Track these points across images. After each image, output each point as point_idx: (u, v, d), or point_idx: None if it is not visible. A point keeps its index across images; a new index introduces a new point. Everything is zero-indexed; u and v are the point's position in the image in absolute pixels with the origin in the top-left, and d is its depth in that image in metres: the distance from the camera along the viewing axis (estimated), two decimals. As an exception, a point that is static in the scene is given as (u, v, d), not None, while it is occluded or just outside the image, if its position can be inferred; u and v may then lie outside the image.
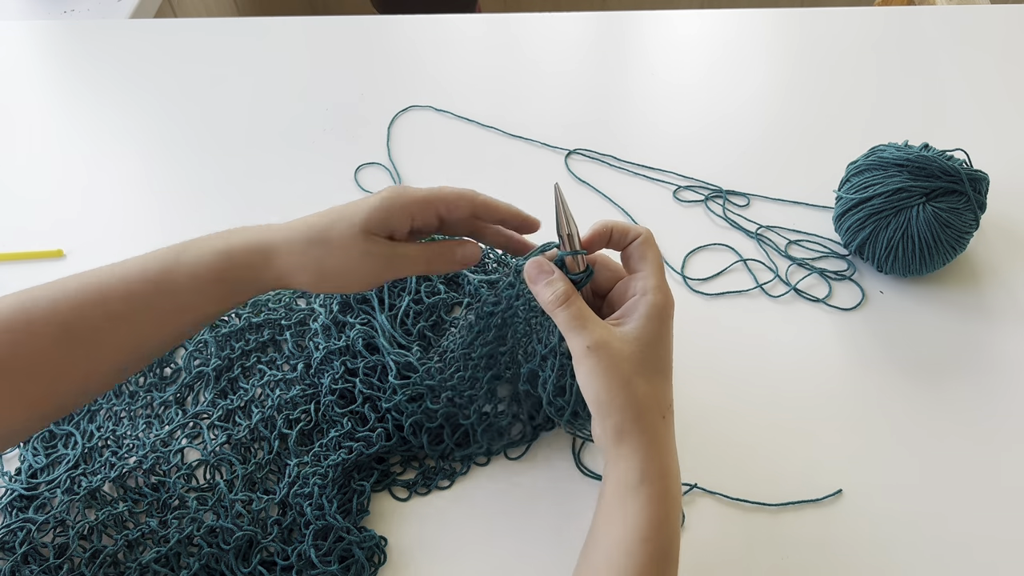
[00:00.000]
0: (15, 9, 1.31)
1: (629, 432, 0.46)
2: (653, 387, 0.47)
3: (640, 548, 0.44)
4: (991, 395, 0.62)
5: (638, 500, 0.45)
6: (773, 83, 0.91)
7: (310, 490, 0.54)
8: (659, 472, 0.45)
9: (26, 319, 0.48)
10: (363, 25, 1.01)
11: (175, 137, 0.86)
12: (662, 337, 0.48)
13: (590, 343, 0.46)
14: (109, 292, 0.49)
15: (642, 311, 0.48)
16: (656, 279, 0.49)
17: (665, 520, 0.45)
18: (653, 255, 0.50)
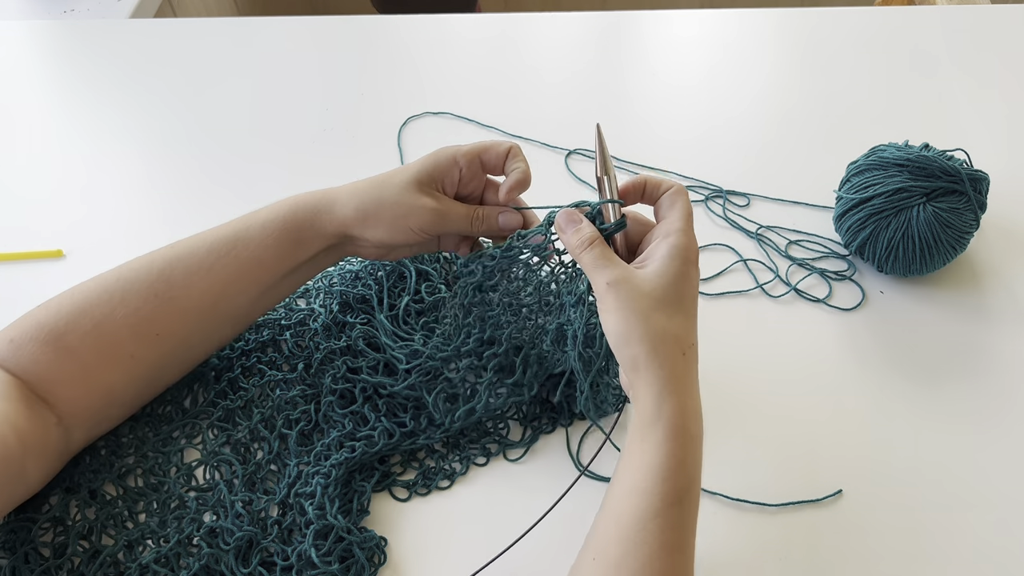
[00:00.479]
0: (15, 9, 1.31)
1: (645, 365, 0.46)
2: (673, 324, 0.46)
3: (658, 487, 0.43)
4: (991, 395, 0.62)
5: (654, 437, 0.45)
6: (773, 83, 0.91)
7: (312, 489, 0.54)
8: (677, 409, 0.45)
9: (124, 280, 0.54)
10: (363, 25, 1.01)
11: (175, 137, 0.86)
12: (684, 276, 0.47)
13: (610, 279, 0.47)
14: (194, 249, 0.56)
15: (664, 251, 0.48)
16: (682, 223, 0.49)
17: (683, 459, 0.44)
18: (682, 203, 0.50)
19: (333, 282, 0.66)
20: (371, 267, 0.66)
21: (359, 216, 0.55)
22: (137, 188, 0.81)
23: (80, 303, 0.53)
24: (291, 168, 0.82)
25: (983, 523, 0.55)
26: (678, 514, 0.44)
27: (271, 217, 0.56)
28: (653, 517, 0.43)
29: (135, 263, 0.56)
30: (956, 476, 0.57)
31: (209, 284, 0.55)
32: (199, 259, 0.55)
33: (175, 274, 0.55)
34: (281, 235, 0.56)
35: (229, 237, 0.56)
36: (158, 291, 0.54)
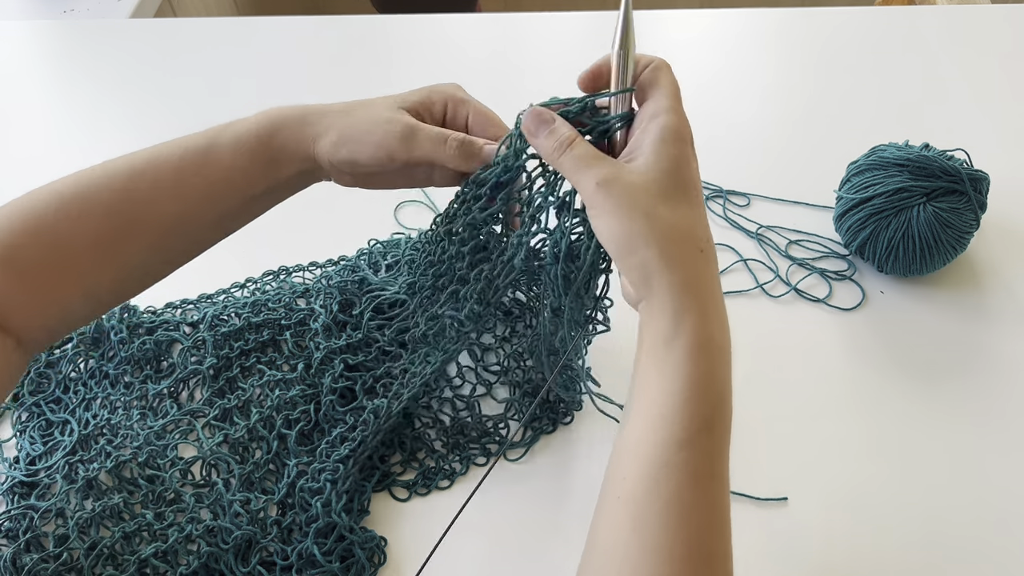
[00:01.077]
0: (15, 9, 1.31)
1: (658, 270, 0.39)
2: (681, 216, 0.40)
3: (682, 412, 0.37)
4: (991, 395, 0.62)
5: (675, 355, 0.38)
6: (773, 83, 0.91)
7: (320, 485, 0.54)
8: (699, 318, 0.38)
9: (86, 194, 0.49)
10: (363, 25, 1.01)
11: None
12: (683, 160, 0.41)
13: (599, 179, 0.40)
14: (160, 163, 0.50)
15: (654, 135, 0.41)
16: (667, 100, 0.42)
17: (710, 374, 0.38)
18: (667, 79, 0.43)
19: (332, 281, 0.66)
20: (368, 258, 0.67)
21: (328, 130, 0.50)
22: (137, 188, 0.80)
23: (32, 219, 0.48)
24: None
25: (983, 523, 0.55)
26: (707, 441, 0.37)
27: (243, 134, 0.51)
28: (679, 449, 0.37)
29: (93, 174, 0.50)
30: (956, 475, 0.57)
31: (175, 204, 0.50)
32: (165, 176, 0.50)
33: (139, 192, 0.49)
34: (255, 154, 0.51)
35: (198, 153, 0.51)
36: (121, 209, 0.49)
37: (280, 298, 0.67)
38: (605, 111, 0.44)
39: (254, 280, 0.70)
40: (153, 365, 0.63)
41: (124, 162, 0.51)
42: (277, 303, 0.67)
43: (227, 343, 0.64)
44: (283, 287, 0.69)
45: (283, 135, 0.51)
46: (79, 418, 0.60)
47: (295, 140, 0.51)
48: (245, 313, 0.66)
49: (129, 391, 0.61)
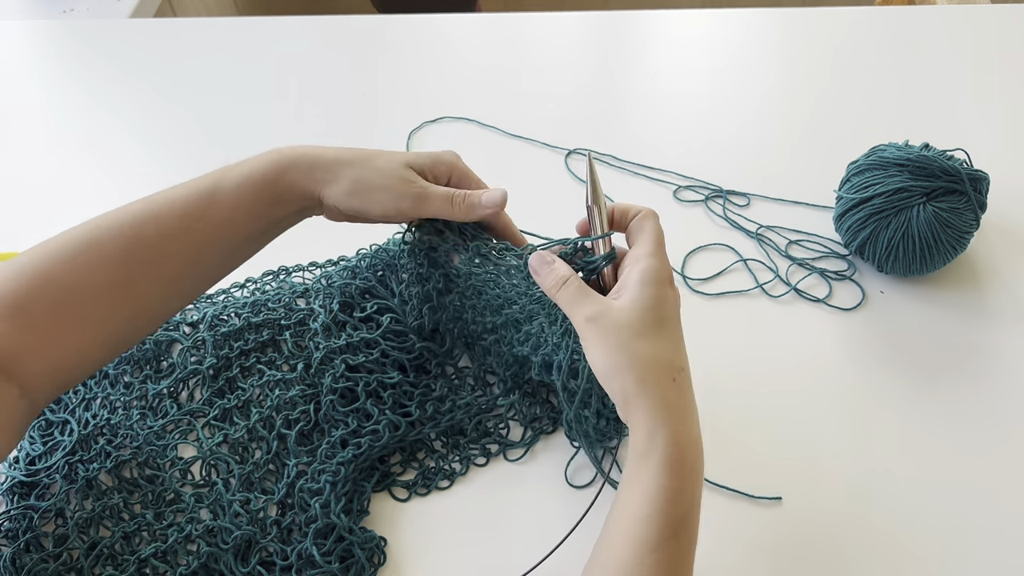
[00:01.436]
0: (15, 9, 1.31)
1: (635, 395, 0.45)
2: (658, 349, 0.45)
3: (654, 519, 0.42)
4: (991, 395, 0.62)
5: (649, 468, 0.44)
6: (773, 83, 0.91)
7: (320, 486, 0.54)
8: (670, 439, 0.44)
9: (96, 243, 0.51)
10: (363, 25, 1.01)
11: (175, 136, 0.86)
12: (660, 299, 0.47)
13: (588, 314, 0.47)
14: (167, 209, 0.52)
15: (635, 277, 0.47)
16: (650, 246, 0.48)
17: (680, 490, 0.43)
18: (651, 227, 0.50)
19: (332, 281, 0.66)
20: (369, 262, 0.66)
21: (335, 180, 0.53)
22: (137, 187, 0.80)
23: (43, 269, 0.49)
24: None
25: (984, 522, 0.55)
26: (675, 547, 0.43)
27: (247, 173, 0.53)
28: (651, 551, 0.42)
29: (102, 223, 0.52)
30: (956, 475, 0.57)
31: (183, 247, 0.52)
32: (174, 222, 0.52)
33: (147, 238, 0.51)
34: (260, 194, 0.53)
35: (203, 196, 0.53)
36: (130, 254, 0.51)
37: (280, 298, 0.67)
38: (591, 252, 0.52)
39: (254, 280, 0.70)
40: (153, 365, 0.63)
41: (131, 210, 0.53)
42: (277, 303, 0.67)
43: (227, 343, 0.64)
44: (283, 287, 0.69)
45: (289, 177, 0.54)
46: (79, 418, 0.60)
47: (301, 183, 0.54)
48: (245, 313, 0.66)
49: (129, 391, 0.61)
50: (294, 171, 0.54)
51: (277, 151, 0.55)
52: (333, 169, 0.54)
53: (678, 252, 0.72)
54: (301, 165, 0.54)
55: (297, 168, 0.54)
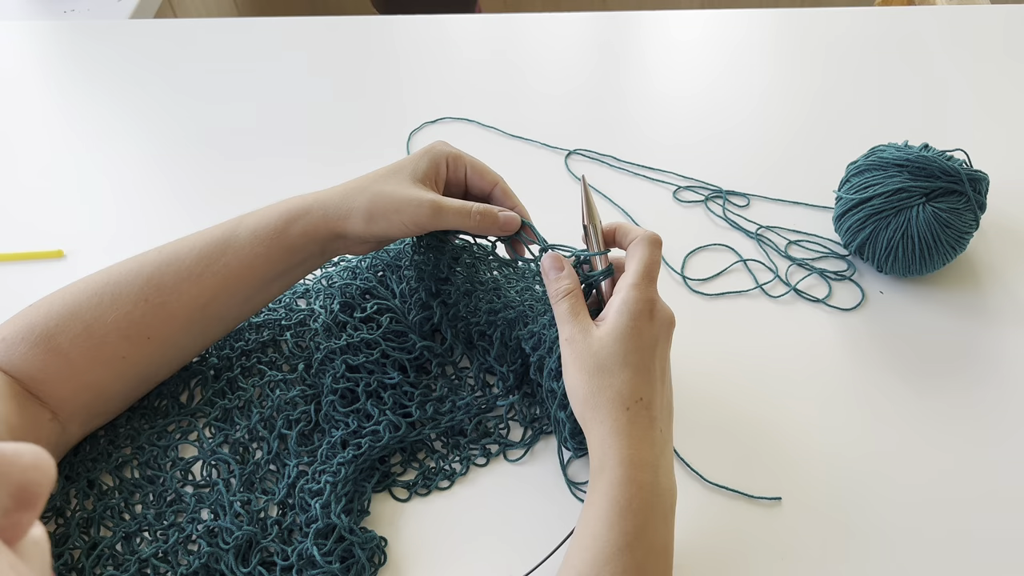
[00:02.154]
0: (15, 9, 1.31)
1: (589, 420, 0.49)
2: (616, 380, 0.48)
3: (606, 533, 0.45)
4: (991, 395, 0.62)
5: (600, 485, 0.47)
6: (773, 83, 0.91)
7: (320, 487, 0.54)
8: (618, 459, 0.47)
9: (116, 284, 0.54)
10: (363, 25, 1.01)
11: (175, 137, 0.86)
12: (632, 331, 0.49)
13: (567, 336, 0.50)
14: (183, 254, 0.56)
15: (616, 307, 0.50)
16: (635, 277, 0.50)
17: (628, 507, 0.46)
18: (641, 254, 0.51)
19: (333, 281, 0.66)
20: (369, 262, 0.66)
21: (352, 214, 0.55)
22: (137, 188, 0.81)
23: (70, 305, 0.54)
24: (291, 168, 0.82)
25: (984, 522, 0.55)
26: (629, 559, 0.45)
27: (261, 224, 0.56)
28: (604, 563, 0.44)
29: (124, 267, 0.56)
30: (956, 475, 0.57)
31: (199, 290, 0.55)
32: (188, 266, 0.55)
33: (164, 280, 0.55)
34: (272, 243, 0.56)
35: (218, 244, 0.56)
36: (148, 296, 0.54)
37: (280, 298, 0.67)
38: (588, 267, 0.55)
39: None
40: None
41: (151, 256, 0.56)
42: (277, 303, 0.67)
43: (227, 343, 0.64)
44: None
45: (302, 224, 0.56)
46: None
47: (316, 226, 0.56)
48: None
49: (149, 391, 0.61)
50: (307, 219, 0.56)
51: (287, 202, 0.57)
52: (346, 204, 0.56)
53: (678, 252, 0.72)
54: (315, 211, 0.56)
55: (310, 216, 0.56)
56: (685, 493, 0.57)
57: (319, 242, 0.57)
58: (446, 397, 0.61)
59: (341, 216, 0.56)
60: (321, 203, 0.56)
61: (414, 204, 0.55)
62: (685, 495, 0.57)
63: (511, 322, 0.59)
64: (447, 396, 0.61)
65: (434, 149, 0.58)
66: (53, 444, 0.54)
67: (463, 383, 0.62)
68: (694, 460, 0.58)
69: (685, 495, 0.57)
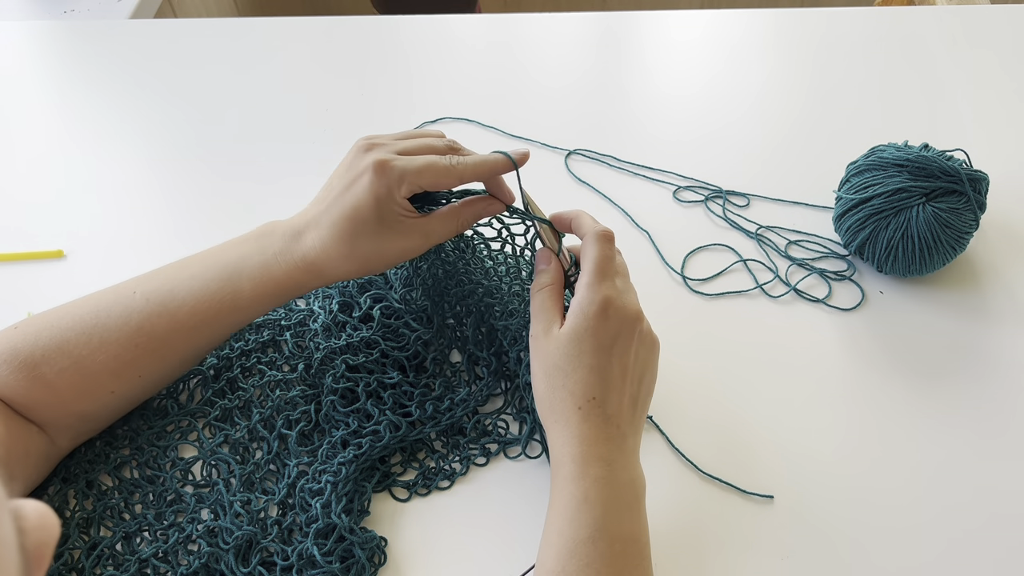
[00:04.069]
0: (15, 9, 1.31)
1: (548, 420, 0.50)
2: (569, 380, 0.49)
3: (567, 527, 0.46)
4: (991, 395, 0.62)
5: (558, 482, 0.48)
6: (773, 83, 0.91)
7: (321, 487, 0.54)
8: (572, 456, 0.48)
9: (105, 327, 0.53)
10: (363, 25, 1.01)
11: (175, 137, 0.86)
12: (588, 332, 0.49)
13: (533, 333, 0.52)
14: (176, 306, 0.54)
15: (572, 307, 0.51)
16: (588, 276, 0.51)
17: (584, 500, 0.46)
18: (593, 253, 0.51)
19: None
20: None
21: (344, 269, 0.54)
22: (137, 188, 0.81)
23: (58, 339, 0.52)
24: (291, 169, 0.82)
25: (983, 522, 0.55)
26: (592, 550, 0.45)
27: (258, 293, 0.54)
28: (569, 557, 0.45)
29: (113, 305, 0.53)
30: (955, 475, 0.57)
31: (192, 340, 0.55)
32: (181, 321, 0.54)
33: (156, 331, 0.53)
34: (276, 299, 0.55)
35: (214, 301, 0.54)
36: (139, 343, 0.53)
37: None
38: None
39: None
40: None
41: (139, 303, 0.54)
42: None
43: (227, 343, 0.64)
44: None
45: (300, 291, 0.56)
46: None
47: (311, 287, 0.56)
48: None
49: None
50: (305, 287, 0.55)
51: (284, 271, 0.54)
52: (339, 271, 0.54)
53: (678, 252, 0.72)
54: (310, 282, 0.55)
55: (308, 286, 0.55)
56: (681, 486, 0.57)
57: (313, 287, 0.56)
58: (444, 395, 0.61)
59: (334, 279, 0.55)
60: (317, 271, 0.54)
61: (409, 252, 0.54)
62: (681, 488, 0.57)
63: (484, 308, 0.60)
64: (445, 395, 0.61)
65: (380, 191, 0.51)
66: (43, 456, 0.54)
67: (458, 379, 0.62)
68: (693, 457, 0.58)
69: (681, 488, 0.57)
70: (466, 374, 0.63)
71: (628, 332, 0.50)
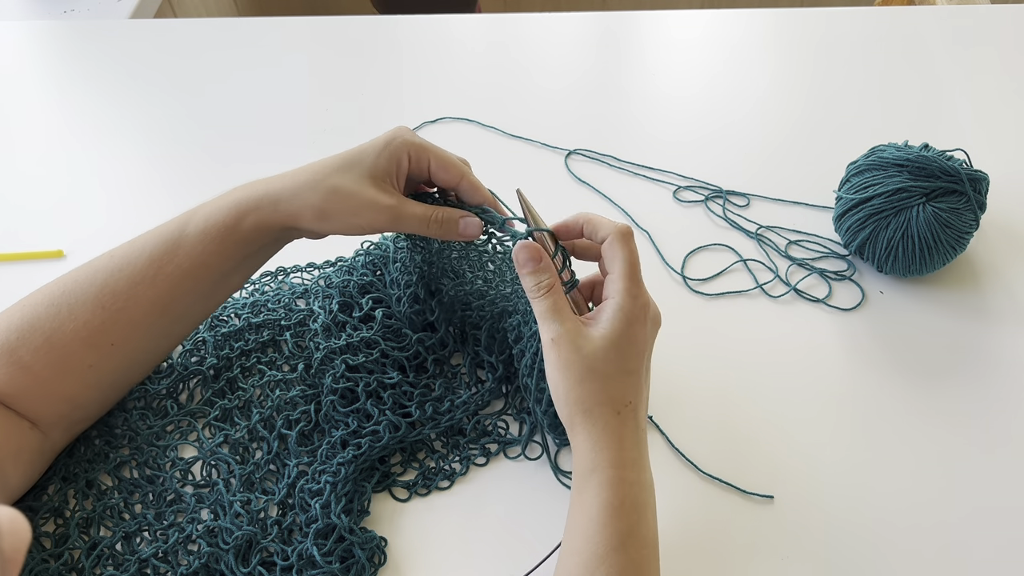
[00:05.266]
0: (15, 9, 1.31)
1: (580, 424, 0.48)
2: (609, 385, 0.47)
3: (598, 533, 0.45)
4: (991, 395, 0.62)
5: (591, 487, 0.46)
6: (773, 83, 0.91)
7: (320, 487, 0.54)
8: (610, 461, 0.46)
9: (72, 293, 0.53)
10: (363, 25, 1.01)
11: (175, 137, 0.86)
12: (626, 337, 0.48)
13: (554, 336, 0.48)
14: (134, 257, 0.54)
15: (609, 313, 0.49)
16: (624, 282, 0.49)
17: (621, 506, 0.46)
18: (624, 255, 0.49)
19: (331, 281, 0.66)
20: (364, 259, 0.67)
21: (305, 212, 0.53)
22: (137, 188, 0.81)
23: (29, 317, 0.52)
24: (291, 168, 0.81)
25: (982, 522, 0.55)
26: (623, 558, 0.45)
27: (211, 221, 0.54)
28: (599, 564, 0.44)
29: (79, 273, 0.54)
30: (956, 475, 0.57)
31: (155, 293, 0.54)
32: (140, 269, 0.53)
33: (119, 286, 0.53)
34: (224, 239, 0.54)
35: (168, 244, 0.54)
36: (104, 303, 0.53)
37: (280, 299, 0.67)
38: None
39: (252, 281, 0.70)
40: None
41: (103, 261, 0.54)
42: (277, 304, 0.67)
43: (227, 343, 0.64)
44: (282, 288, 0.69)
45: (252, 218, 0.54)
46: None
47: (267, 220, 0.54)
48: (245, 314, 0.66)
49: (128, 392, 0.61)
50: (255, 213, 0.54)
51: (236, 193, 0.55)
52: (298, 200, 0.53)
53: (678, 252, 0.72)
54: (264, 206, 0.54)
55: (260, 211, 0.54)
56: (682, 486, 0.57)
57: (272, 233, 0.55)
58: (444, 397, 0.61)
59: (292, 212, 0.53)
60: (272, 196, 0.54)
61: (372, 210, 0.53)
62: (682, 488, 0.57)
63: (498, 314, 0.60)
64: (445, 396, 0.61)
65: (395, 142, 0.54)
66: (37, 451, 0.54)
67: (459, 381, 0.62)
68: (693, 457, 0.58)
69: (682, 488, 0.57)
70: (467, 376, 0.62)
71: (654, 335, 0.51)
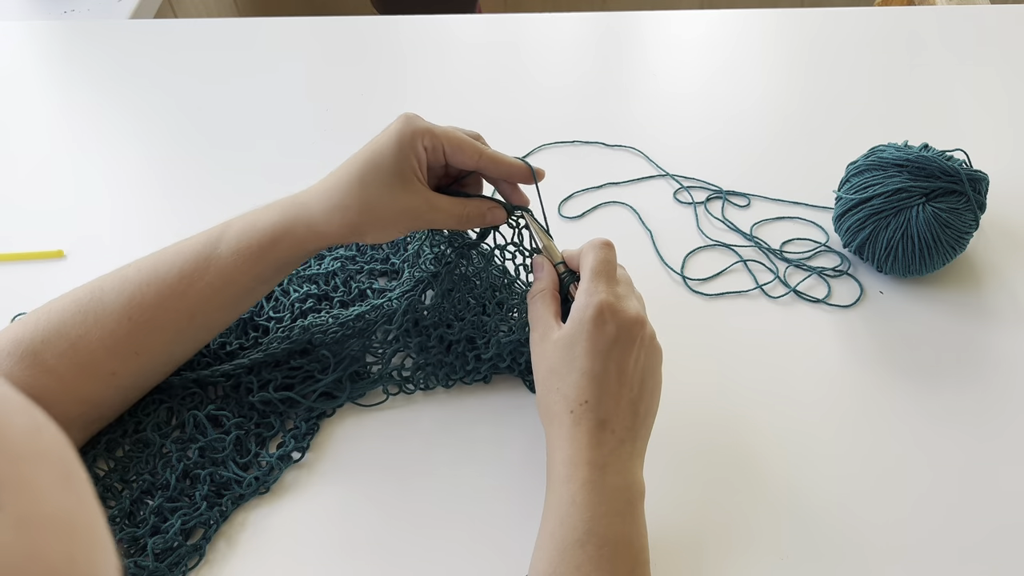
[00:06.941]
0: (15, 9, 1.31)
1: (543, 421, 0.51)
2: (565, 384, 0.49)
3: (559, 529, 0.47)
4: (991, 395, 0.62)
5: (550, 484, 0.49)
6: (773, 83, 0.91)
7: None
8: (562, 459, 0.48)
9: (100, 301, 0.54)
10: (363, 25, 1.01)
11: (175, 137, 0.86)
12: (585, 336, 0.49)
13: (534, 337, 0.53)
14: (165, 270, 0.55)
15: (571, 312, 0.51)
16: (586, 282, 0.51)
17: (572, 502, 0.47)
18: (591, 257, 0.52)
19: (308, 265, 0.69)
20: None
21: (347, 233, 0.55)
22: (137, 188, 0.81)
23: (56, 322, 0.53)
24: (291, 169, 0.82)
25: (983, 522, 0.55)
26: (581, 553, 0.45)
27: (244, 242, 0.55)
28: (560, 559, 0.46)
29: (106, 282, 0.55)
30: (955, 476, 0.57)
31: (184, 306, 0.55)
32: (170, 284, 0.54)
33: (147, 299, 0.54)
34: (256, 260, 0.55)
35: (200, 261, 0.55)
36: (132, 315, 0.54)
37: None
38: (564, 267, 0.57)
39: None
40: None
41: (135, 268, 0.55)
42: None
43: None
44: None
45: (287, 242, 0.55)
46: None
47: (302, 244, 0.55)
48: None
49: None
50: (292, 236, 0.55)
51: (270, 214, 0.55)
52: (334, 220, 0.54)
53: (678, 252, 0.72)
54: (299, 229, 0.55)
55: (295, 235, 0.55)
56: (681, 486, 0.57)
57: (306, 254, 0.57)
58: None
59: (327, 234, 0.55)
60: (305, 220, 0.55)
61: (408, 216, 0.54)
62: (681, 488, 0.57)
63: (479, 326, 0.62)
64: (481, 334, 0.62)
65: (406, 135, 0.53)
66: None
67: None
68: (694, 458, 0.58)
69: (681, 488, 0.57)
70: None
71: (627, 337, 0.50)
